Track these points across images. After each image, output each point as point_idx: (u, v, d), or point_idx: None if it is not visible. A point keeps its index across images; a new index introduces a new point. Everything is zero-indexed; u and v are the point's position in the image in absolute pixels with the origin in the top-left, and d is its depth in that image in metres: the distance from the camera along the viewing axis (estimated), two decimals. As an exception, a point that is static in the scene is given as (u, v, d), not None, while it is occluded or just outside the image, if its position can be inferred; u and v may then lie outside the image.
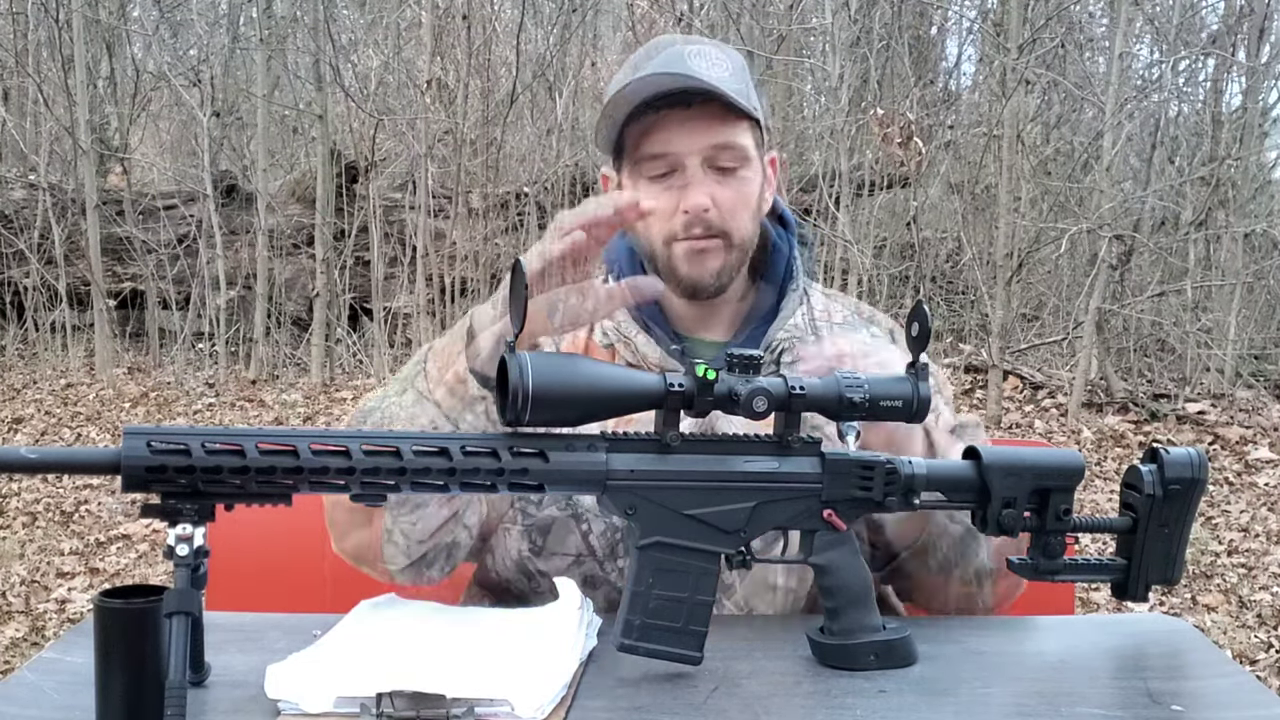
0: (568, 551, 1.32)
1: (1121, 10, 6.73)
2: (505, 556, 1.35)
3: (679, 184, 1.29)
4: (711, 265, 1.31)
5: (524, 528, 1.34)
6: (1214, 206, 6.95)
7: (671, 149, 1.28)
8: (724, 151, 1.29)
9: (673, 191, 1.29)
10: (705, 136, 1.28)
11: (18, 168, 8.65)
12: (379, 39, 8.82)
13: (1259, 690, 1.06)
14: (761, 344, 1.36)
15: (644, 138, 1.29)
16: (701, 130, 1.28)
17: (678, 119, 1.28)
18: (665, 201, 1.29)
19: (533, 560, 1.34)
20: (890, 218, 7.93)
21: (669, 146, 1.28)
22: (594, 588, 1.31)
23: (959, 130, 8.01)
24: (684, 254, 1.30)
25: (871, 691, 1.01)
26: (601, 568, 1.31)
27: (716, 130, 1.29)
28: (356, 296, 7.97)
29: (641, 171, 1.31)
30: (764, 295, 1.39)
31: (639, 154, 1.30)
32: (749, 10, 7.66)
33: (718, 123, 1.29)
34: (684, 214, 1.28)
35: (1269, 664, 3.55)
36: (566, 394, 0.98)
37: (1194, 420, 6.05)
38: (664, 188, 1.30)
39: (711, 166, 1.29)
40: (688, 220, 1.29)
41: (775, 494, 1.05)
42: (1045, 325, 7.65)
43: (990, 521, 1.11)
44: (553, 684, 0.97)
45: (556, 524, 1.32)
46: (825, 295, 1.46)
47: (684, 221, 1.29)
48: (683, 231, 1.29)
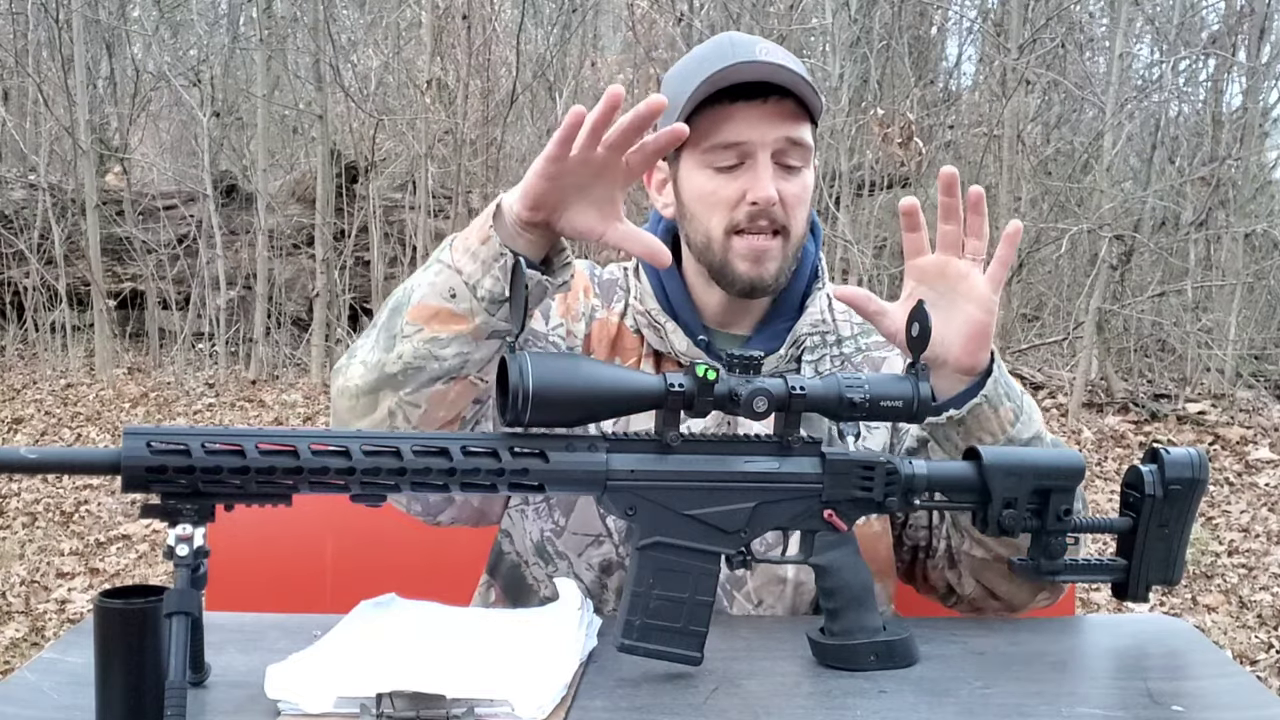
0: (589, 531, 1.32)
1: (1121, 10, 6.73)
2: (525, 538, 1.36)
3: (745, 175, 1.28)
4: (770, 266, 1.30)
5: (547, 504, 1.34)
6: (1214, 206, 6.95)
7: (746, 139, 1.28)
8: (794, 148, 1.29)
9: (739, 182, 1.28)
10: (779, 130, 1.28)
11: (18, 168, 8.65)
12: (379, 39, 8.82)
13: (1259, 690, 1.06)
14: (787, 339, 1.36)
15: (717, 125, 1.28)
16: (776, 124, 1.28)
17: (754, 110, 1.27)
18: (731, 191, 1.29)
19: (553, 541, 1.34)
20: (890, 218, 7.92)
21: (744, 136, 1.27)
22: (609, 573, 1.32)
23: (959, 130, 8.01)
24: (745, 251, 1.29)
25: (872, 692, 1.01)
26: (618, 551, 1.32)
27: (790, 125, 1.29)
28: (356, 296, 7.97)
29: (709, 160, 1.30)
30: (790, 293, 1.38)
31: (710, 142, 1.29)
32: (749, 10, 7.66)
33: (790, 119, 1.29)
34: (751, 205, 1.27)
35: (1269, 664, 3.55)
36: (566, 394, 0.98)
37: (1194, 420, 6.05)
38: (729, 178, 1.29)
39: (779, 162, 1.29)
40: (753, 211, 1.28)
41: (775, 494, 1.05)
42: (1045, 325, 7.65)
43: (991, 522, 1.11)
44: (553, 684, 0.97)
45: (579, 503, 1.32)
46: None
47: (749, 213, 1.28)
48: (747, 223, 1.29)
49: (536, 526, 1.35)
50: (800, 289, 1.39)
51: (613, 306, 1.40)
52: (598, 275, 1.42)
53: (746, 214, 1.28)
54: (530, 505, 1.35)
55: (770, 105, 1.27)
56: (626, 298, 1.40)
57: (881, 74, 7.47)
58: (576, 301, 1.38)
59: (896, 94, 7.53)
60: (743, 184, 1.28)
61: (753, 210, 1.28)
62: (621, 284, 1.41)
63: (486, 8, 8.08)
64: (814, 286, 1.39)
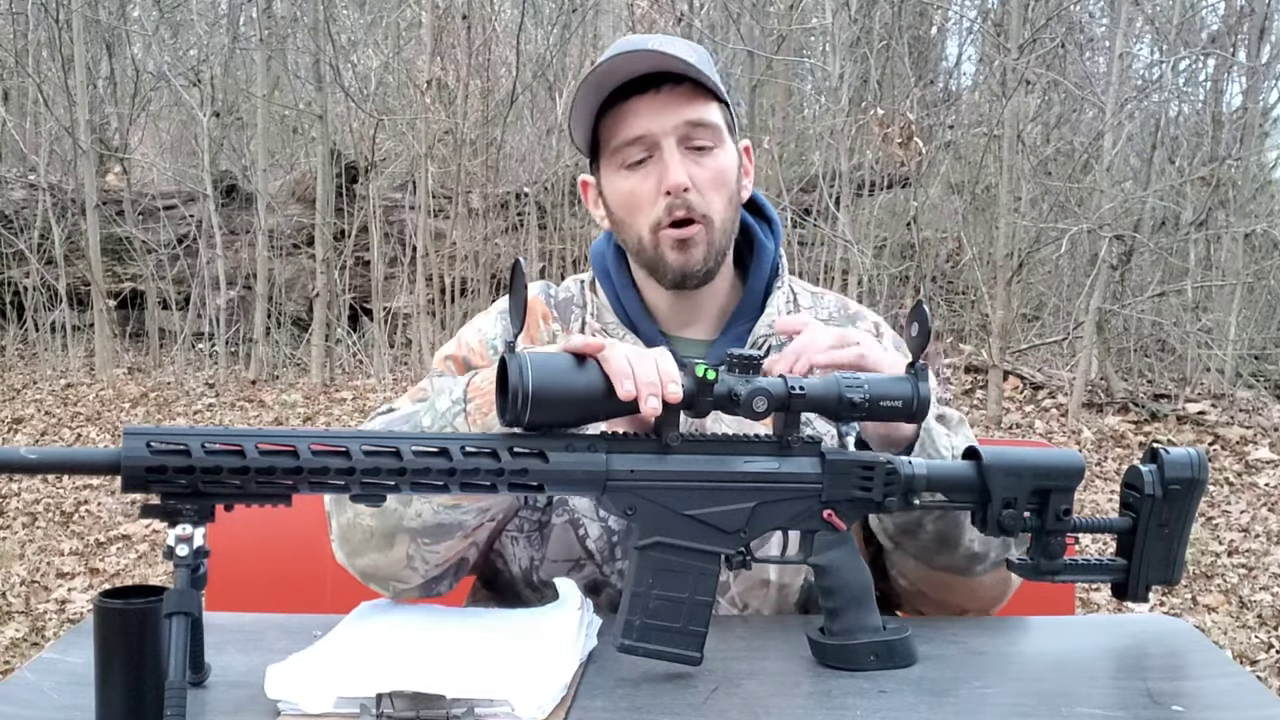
0: (568, 557, 1.32)
1: (1121, 10, 6.73)
2: (514, 563, 1.36)
3: (656, 168, 1.29)
4: (696, 253, 1.31)
5: (526, 536, 1.34)
6: (1214, 206, 6.95)
7: (646, 130, 1.29)
8: (698, 129, 1.30)
9: (652, 178, 1.29)
10: (678, 114, 1.29)
11: (18, 168, 8.65)
12: (379, 39, 8.82)
13: (1259, 690, 1.06)
14: (747, 342, 1.36)
15: (618, 125, 1.30)
16: (674, 109, 1.29)
17: (649, 101, 1.29)
18: (646, 188, 1.30)
19: (535, 570, 1.34)
20: (890, 218, 7.93)
21: (643, 128, 1.29)
22: (596, 593, 1.31)
23: (959, 130, 8.01)
24: (670, 242, 1.30)
25: (871, 692, 1.01)
26: (601, 571, 1.31)
27: (688, 108, 1.29)
28: (356, 296, 7.97)
29: (620, 160, 1.31)
30: (750, 293, 1.38)
31: (615, 142, 1.31)
32: (749, 10, 7.66)
33: (688, 101, 1.29)
34: (665, 195, 1.28)
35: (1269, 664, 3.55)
36: (566, 394, 0.98)
37: (1194, 420, 6.05)
38: (643, 176, 1.30)
39: (687, 146, 1.29)
40: (670, 203, 1.29)
41: (775, 494, 1.05)
42: (1045, 325, 7.65)
43: (990, 522, 1.11)
44: (553, 684, 0.97)
45: (555, 530, 1.32)
46: (812, 293, 1.46)
47: (667, 205, 1.29)
48: (666, 216, 1.29)
49: (526, 554, 1.35)
50: (760, 289, 1.39)
51: (571, 326, 1.40)
52: (554, 296, 1.43)
53: (665, 207, 1.29)
54: (522, 534, 1.34)
55: (664, 93, 1.28)
56: (583, 314, 1.40)
57: (881, 74, 7.47)
58: (538, 331, 1.39)
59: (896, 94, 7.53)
60: (655, 177, 1.29)
61: (670, 202, 1.28)
62: (578, 300, 1.42)
63: (486, 8, 8.08)
64: (774, 285, 1.39)
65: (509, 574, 1.37)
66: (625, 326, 1.36)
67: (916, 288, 7.58)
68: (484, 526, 1.22)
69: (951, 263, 8.21)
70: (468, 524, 1.18)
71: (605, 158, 1.33)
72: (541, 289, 1.43)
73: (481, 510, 1.17)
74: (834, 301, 1.46)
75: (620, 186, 1.32)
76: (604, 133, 1.32)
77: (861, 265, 6.90)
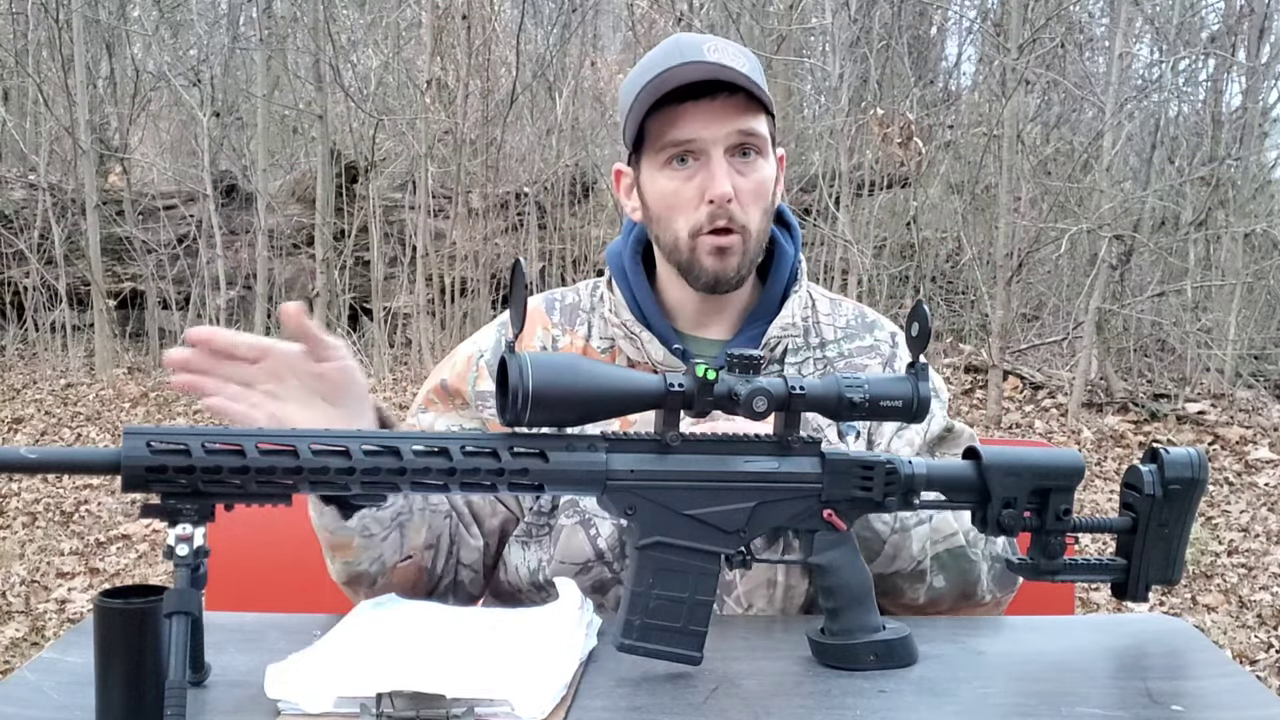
0: (576, 560, 1.32)
1: (1121, 10, 6.73)
2: (521, 566, 1.36)
3: (701, 173, 1.31)
4: (733, 261, 1.32)
5: (536, 540, 1.35)
6: (1214, 206, 6.95)
7: (697, 135, 1.30)
8: (748, 139, 1.31)
9: (695, 182, 1.31)
10: (730, 124, 1.30)
11: (18, 168, 8.65)
12: (379, 39, 8.82)
13: (1259, 690, 1.06)
14: (760, 342, 1.37)
15: (668, 126, 1.31)
16: (726, 118, 1.30)
17: (703, 108, 1.30)
18: (689, 191, 1.31)
19: (543, 571, 1.35)
20: (890, 218, 7.93)
21: (695, 133, 1.30)
22: (603, 592, 1.32)
23: (959, 130, 8.01)
24: (709, 248, 1.32)
25: (871, 691, 1.01)
26: (611, 569, 1.32)
27: (740, 118, 1.31)
28: (356, 296, 7.97)
29: (664, 159, 1.32)
30: (768, 296, 1.40)
31: (663, 140, 1.31)
32: (749, 10, 7.67)
33: (740, 112, 1.31)
34: (709, 204, 1.30)
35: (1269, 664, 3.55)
36: (566, 394, 0.98)
37: (1194, 420, 6.05)
38: (686, 177, 1.31)
39: (733, 156, 1.31)
40: (713, 212, 1.30)
41: (775, 494, 1.05)
42: (1045, 325, 7.65)
43: (990, 521, 1.11)
44: (553, 684, 0.97)
45: (565, 532, 1.32)
46: (830, 299, 1.47)
47: (709, 213, 1.30)
48: (708, 224, 1.31)
49: (535, 557, 1.35)
50: (778, 292, 1.40)
51: (576, 330, 1.41)
52: (558, 302, 1.44)
53: (707, 214, 1.30)
54: (532, 539, 1.36)
55: (719, 102, 1.30)
56: (590, 318, 1.41)
57: (881, 74, 7.47)
58: (533, 339, 1.41)
59: (896, 94, 7.53)
60: (699, 182, 1.30)
61: (712, 210, 1.30)
62: (584, 306, 1.43)
63: (486, 8, 8.08)
64: (791, 289, 1.40)
65: (509, 582, 1.38)
66: (641, 324, 1.37)
67: (916, 288, 7.59)
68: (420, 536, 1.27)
69: (951, 263, 8.22)
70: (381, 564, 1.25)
71: (649, 153, 1.34)
72: (544, 299, 1.45)
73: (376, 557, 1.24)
74: (851, 309, 1.47)
75: (662, 185, 1.33)
76: (652, 128, 1.32)
77: (861, 265, 6.90)
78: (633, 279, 1.39)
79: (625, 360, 1.37)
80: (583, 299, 1.44)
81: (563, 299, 1.45)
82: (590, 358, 1.36)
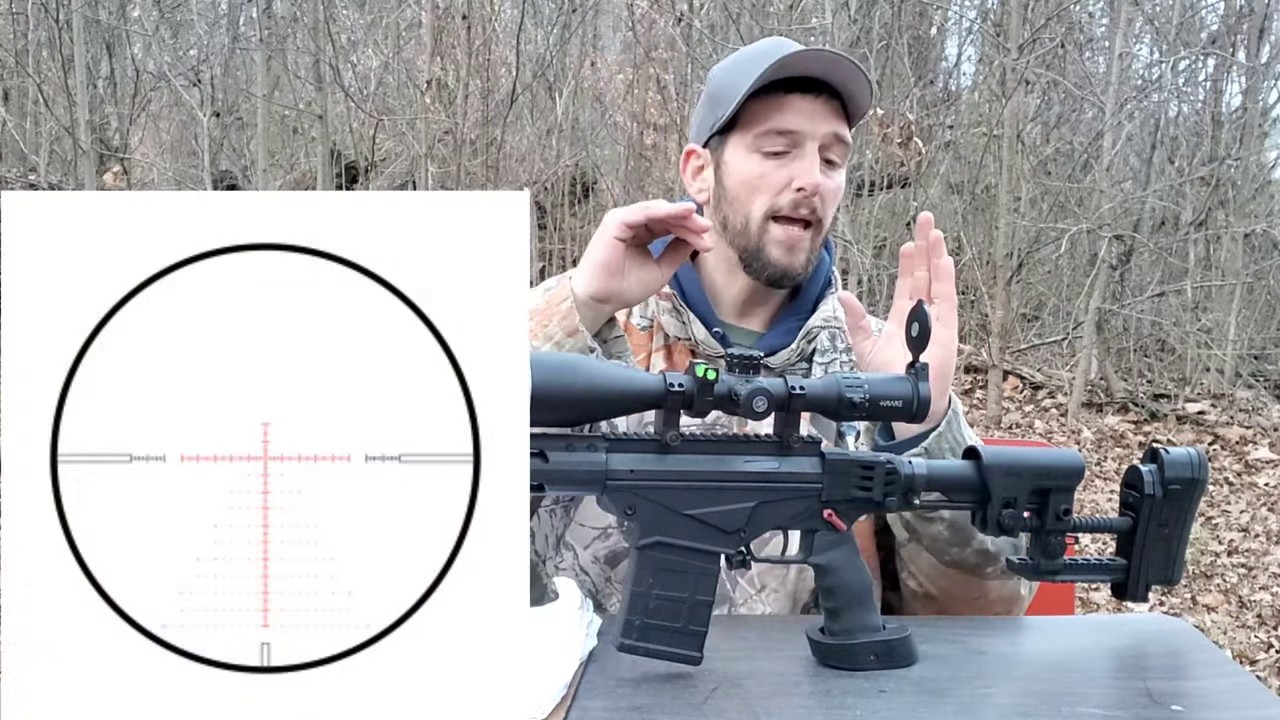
0: (596, 525, 1.35)
1: (1121, 10, 6.74)
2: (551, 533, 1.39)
3: (794, 163, 1.33)
4: (800, 257, 1.35)
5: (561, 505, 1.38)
6: (1214, 206, 6.96)
7: (801, 127, 1.32)
8: (839, 144, 1.34)
9: (786, 169, 1.33)
10: (830, 123, 1.33)
11: (18, 168, 8.65)
12: (379, 39, 8.82)
13: (1259, 690, 1.06)
14: (799, 334, 1.39)
15: (773, 112, 1.32)
16: (828, 117, 1.33)
17: (810, 101, 1.32)
18: (778, 176, 1.33)
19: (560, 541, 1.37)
20: (890, 218, 7.94)
21: (799, 124, 1.32)
22: (613, 565, 1.34)
23: (959, 130, 8.02)
24: (781, 238, 1.34)
25: (871, 691, 1.01)
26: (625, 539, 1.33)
27: (838, 121, 1.34)
28: (356, 296, 7.96)
29: (759, 145, 1.33)
30: (804, 295, 1.43)
31: (763, 126, 1.33)
32: (749, 10, 7.67)
33: (838, 116, 1.34)
34: (797, 191, 1.32)
35: (1269, 664, 3.55)
36: (566, 394, 0.98)
37: (1194, 420, 6.05)
38: (777, 164, 1.33)
39: (824, 157, 1.33)
40: (797, 199, 1.32)
41: (775, 494, 1.05)
42: (1045, 325, 7.65)
43: (990, 521, 1.11)
44: (552, 684, 0.97)
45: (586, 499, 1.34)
46: None
47: (793, 200, 1.32)
48: (788, 209, 1.33)
49: (561, 522, 1.38)
50: (814, 292, 1.43)
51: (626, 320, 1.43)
52: None
53: (790, 200, 1.32)
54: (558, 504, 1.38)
55: (822, 100, 1.32)
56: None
57: (881, 74, 7.47)
58: None
59: (896, 94, 7.53)
60: (790, 171, 1.32)
61: (797, 197, 1.32)
62: None
63: (486, 8, 8.08)
64: (827, 291, 1.44)
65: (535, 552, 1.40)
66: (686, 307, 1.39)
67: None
68: None
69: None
70: None
71: (741, 135, 1.35)
72: None
73: None
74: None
75: (751, 167, 1.34)
76: (749, 112, 1.33)
77: (861, 265, 6.91)
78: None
79: (663, 337, 1.40)
80: None
81: None
82: (630, 334, 1.40)
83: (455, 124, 7.48)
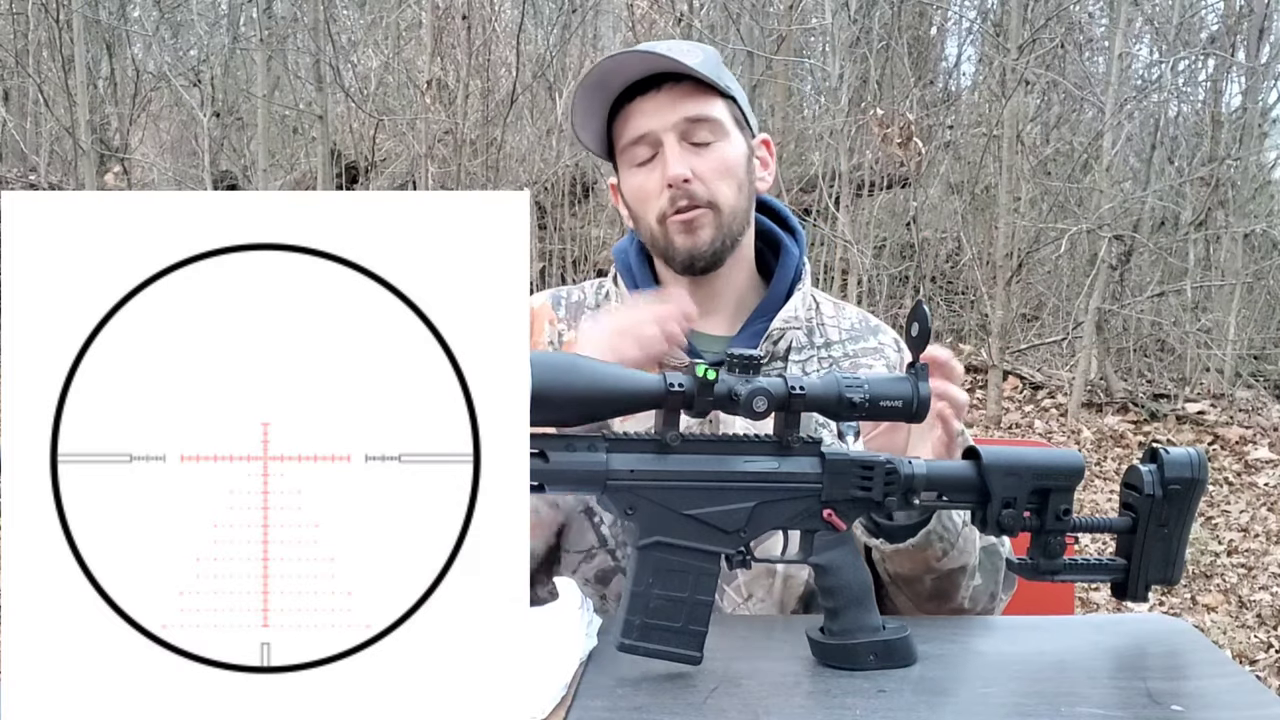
0: (581, 548, 1.34)
1: (1121, 10, 6.74)
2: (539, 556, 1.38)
3: (660, 163, 1.34)
4: (704, 235, 1.35)
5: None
6: (1214, 206, 6.96)
7: (649, 128, 1.34)
8: (697, 124, 1.34)
9: (657, 173, 1.35)
10: (676, 111, 1.34)
11: (18, 168, 8.65)
12: (379, 39, 8.82)
13: (1259, 690, 1.06)
14: (763, 336, 1.38)
15: (625, 126, 1.36)
16: (672, 106, 1.34)
17: (650, 101, 1.34)
18: (653, 182, 1.35)
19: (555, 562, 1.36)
20: (890, 218, 7.94)
21: (646, 126, 1.34)
22: (605, 583, 1.33)
23: (959, 130, 8.02)
24: (677, 227, 1.35)
25: (871, 691, 1.01)
26: (614, 557, 1.33)
27: (687, 104, 1.34)
28: (356, 297, 7.96)
29: (630, 159, 1.37)
30: (773, 294, 1.42)
31: (624, 142, 1.37)
32: (749, 10, 7.67)
33: (688, 98, 1.34)
34: (667, 188, 1.33)
35: (1269, 664, 3.55)
36: (566, 394, 0.98)
37: (1194, 420, 6.05)
38: (648, 171, 1.35)
39: (688, 141, 1.34)
40: (672, 194, 1.33)
41: (775, 494, 1.05)
42: (1045, 325, 7.65)
43: (990, 522, 1.11)
44: (552, 684, 0.97)
45: (573, 522, 1.34)
46: (834, 304, 1.49)
47: (669, 196, 1.33)
48: (670, 207, 1.34)
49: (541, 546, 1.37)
50: (782, 290, 1.42)
51: (580, 326, 1.42)
52: (563, 299, 1.47)
53: (668, 198, 1.34)
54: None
55: (665, 92, 1.34)
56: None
57: (881, 74, 7.47)
58: (541, 335, 1.43)
59: (896, 94, 7.53)
60: (660, 172, 1.34)
61: (672, 194, 1.33)
62: (589, 303, 1.46)
63: (486, 8, 8.08)
64: (795, 287, 1.42)
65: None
66: None
67: (916, 288, 7.59)
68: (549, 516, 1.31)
69: (951, 263, 8.22)
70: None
71: (619, 157, 1.39)
72: (551, 295, 1.47)
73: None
74: (855, 314, 1.49)
75: (632, 183, 1.38)
76: (616, 135, 1.38)
77: (861, 265, 6.90)
78: (638, 274, 1.42)
79: None
80: (588, 296, 1.47)
81: (568, 296, 1.47)
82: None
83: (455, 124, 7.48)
